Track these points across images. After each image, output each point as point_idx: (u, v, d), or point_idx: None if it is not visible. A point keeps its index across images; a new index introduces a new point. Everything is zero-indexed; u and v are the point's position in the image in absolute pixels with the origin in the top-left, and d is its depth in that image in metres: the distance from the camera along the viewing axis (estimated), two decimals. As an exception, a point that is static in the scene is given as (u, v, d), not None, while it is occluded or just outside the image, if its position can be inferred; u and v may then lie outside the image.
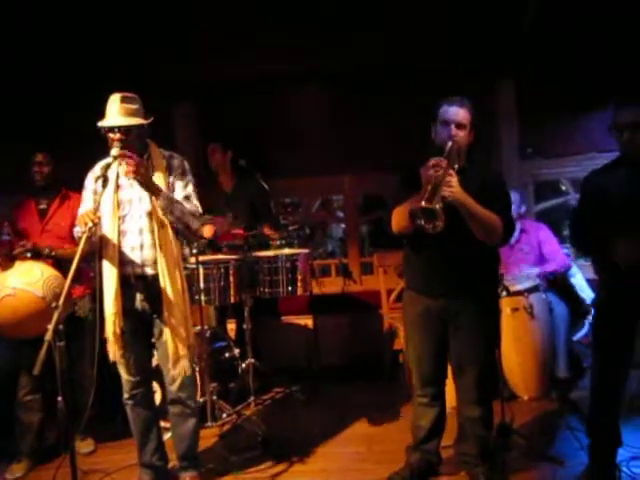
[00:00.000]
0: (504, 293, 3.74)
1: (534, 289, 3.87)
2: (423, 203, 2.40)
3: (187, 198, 2.83)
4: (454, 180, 2.49)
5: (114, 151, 2.65)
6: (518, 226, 4.12)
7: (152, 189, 2.69)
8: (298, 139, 4.96)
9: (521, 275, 3.97)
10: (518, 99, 4.88)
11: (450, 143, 2.57)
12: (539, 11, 4.22)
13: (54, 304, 2.28)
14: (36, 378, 3.06)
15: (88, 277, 3.40)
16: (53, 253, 3.24)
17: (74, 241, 3.28)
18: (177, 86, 4.80)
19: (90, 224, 2.44)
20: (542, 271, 4.02)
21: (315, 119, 4.98)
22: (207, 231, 4.06)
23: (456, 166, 2.57)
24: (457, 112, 2.63)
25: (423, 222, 2.43)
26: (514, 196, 4.14)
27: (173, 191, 2.82)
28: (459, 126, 2.62)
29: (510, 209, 2.75)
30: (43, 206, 3.46)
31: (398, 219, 2.64)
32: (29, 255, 3.17)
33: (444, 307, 2.71)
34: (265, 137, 4.96)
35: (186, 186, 2.86)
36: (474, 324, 2.70)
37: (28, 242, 3.22)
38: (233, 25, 4.43)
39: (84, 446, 3.48)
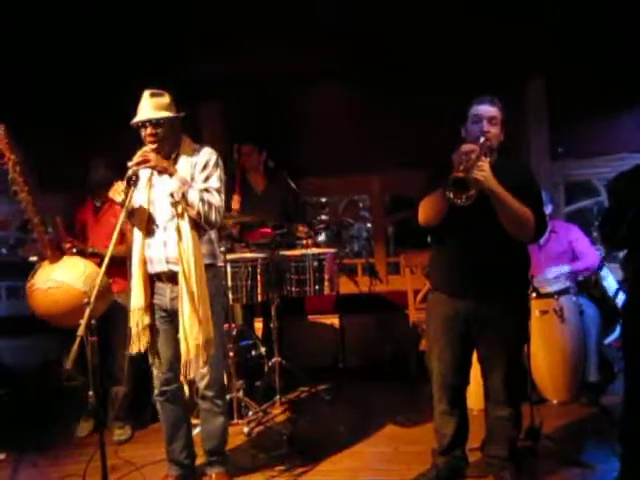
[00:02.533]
0: (534, 295, 3.69)
1: (565, 291, 3.81)
2: (455, 174, 2.40)
3: (206, 190, 2.75)
4: (486, 165, 2.48)
5: (133, 161, 2.65)
6: (548, 227, 4.07)
7: (165, 170, 2.67)
8: (324, 138, 4.96)
9: (551, 276, 3.91)
10: (549, 97, 4.81)
11: (482, 138, 2.56)
12: (569, 3, 4.16)
13: (86, 300, 2.32)
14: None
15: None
16: (96, 251, 3.44)
17: (122, 237, 3.39)
18: (203, 85, 4.84)
19: (121, 195, 2.54)
20: (573, 269, 3.95)
21: (341, 118, 4.98)
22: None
23: (488, 159, 2.55)
24: (488, 108, 2.64)
25: (453, 195, 2.41)
26: (541, 196, 4.09)
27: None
28: (491, 121, 2.62)
29: (542, 206, 2.72)
30: (99, 203, 3.67)
31: (425, 207, 2.63)
32: (75, 251, 3.40)
33: (473, 309, 2.68)
34: (291, 136, 4.97)
35: (206, 179, 2.79)
36: (503, 325, 2.67)
37: (74, 240, 3.46)
38: (259, 24, 4.45)
39: (119, 434, 3.57)
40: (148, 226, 2.80)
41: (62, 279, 3.18)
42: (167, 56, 4.52)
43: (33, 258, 3.38)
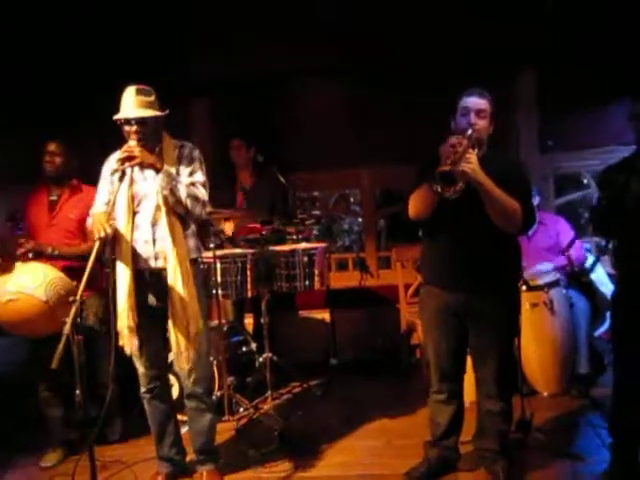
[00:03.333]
0: (524, 287, 3.69)
1: (554, 284, 3.82)
2: (442, 167, 2.40)
3: (192, 185, 2.75)
4: (473, 157, 2.47)
5: (119, 156, 2.61)
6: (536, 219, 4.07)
7: (152, 165, 2.63)
8: (314, 134, 4.95)
9: (539, 270, 3.91)
10: (538, 89, 4.81)
11: (470, 130, 2.55)
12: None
13: (71, 298, 2.29)
14: (53, 376, 3.08)
15: (94, 277, 3.30)
16: (56, 252, 3.17)
17: (83, 236, 3.29)
18: (193, 83, 4.81)
19: (103, 234, 2.44)
20: (557, 265, 3.96)
21: (331, 114, 4.96)
22: (228, 228, 4.07)
23: (476, 151, 2.54)
24: (476, 101, 2.63)
25: (440, 189, 2.41)
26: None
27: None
28: (479, 114, 2.61)
29: (531, 197, 2.72)
30: (54, 197, 3.36)
31: (415, 201, 2.63)
32: (31, 256, 3.09)
33: (463, 301, 2.68)
34: (281, 132, 4.95)
35: (192, 173, 2.79)
36: (494, 317, 2.68)
37: (29, 242, 3.13)
38: (249, 21, 4.43)
39: (110, 433, 3.49)
40: (134, 223, 2.76)
41: (20, 290, 2.90)
42: (160, 53, 4.49)
43: None
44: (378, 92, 4.85)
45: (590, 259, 4.17)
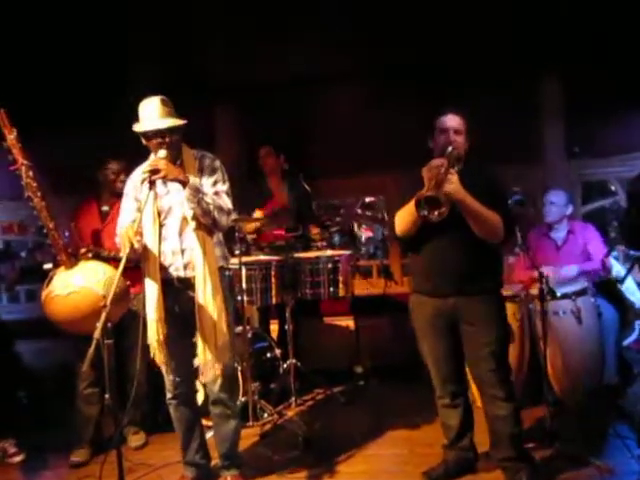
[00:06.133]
0: (548, 297, 3.64)
1: (582, 292, 3.76)
2: (426, 192, 2.54)
3: (216, 194, 2.78)
4: (455, 177, 2.61)
5: (145, 169, 2.65)
6: (566, 227, 4.04)
7: (177, 180, 2.65)
8: (337, 140, 4.97)
9: (561, 277, 3.86)
10: (564, 95, 4.76)
11: (450, 148, 2.70)
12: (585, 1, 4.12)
13: (102, 303, 2.34)
14: (95, 373, 3.26)
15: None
16: (113, 255, 3.33)
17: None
18: (218, 88, 4.87)
19: (128, 248, 2.49)
20: (581, 270, 3.91)
21: (355, 120, 4.98)
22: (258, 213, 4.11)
23: (456, 168, 2.68)
24: (452, 118, 2.79)
25: (427, 212, 2.54)
26: (560, 196, 4.05)
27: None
28: (456, 132, 2.77)
29: (508, 208, 2.85)
30: (105, 208, 3.57)
31: (401, 220, 2.75)
32: (91, 255, 3.29)
33: (453, 306, 2.75)
34: (304, 139, 4.98)
35: (214, 183, 2.82)
36: (483, 321, 2.74)
37: (91, 244, 3.36)
38: (271, 28, 4.47)
39: (135, 440, 3.56)
40: (162, 235, 2.80)
41: (82, 284, 3.04)
42: (184, 60, 4.55)
43: (47, 266, 3.23)
44: (402, 98, 4.86)
45: (617, 267, 4.11)
